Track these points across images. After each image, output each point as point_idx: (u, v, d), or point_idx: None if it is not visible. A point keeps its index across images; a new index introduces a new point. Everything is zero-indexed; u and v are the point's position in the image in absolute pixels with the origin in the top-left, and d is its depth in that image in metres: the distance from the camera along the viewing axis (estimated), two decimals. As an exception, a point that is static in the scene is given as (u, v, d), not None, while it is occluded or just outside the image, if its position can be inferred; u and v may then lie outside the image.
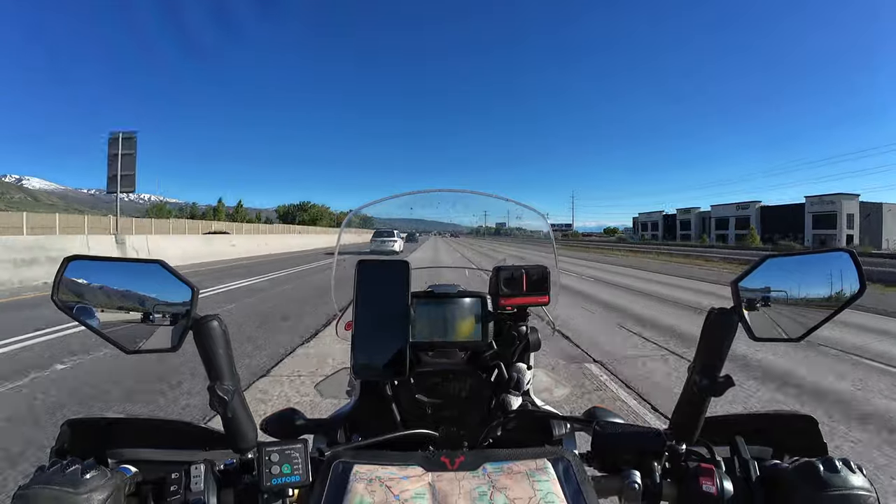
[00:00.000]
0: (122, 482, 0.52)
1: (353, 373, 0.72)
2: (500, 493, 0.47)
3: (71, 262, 0.58)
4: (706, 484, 0.56)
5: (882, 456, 2.85)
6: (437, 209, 1.12)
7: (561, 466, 0.51)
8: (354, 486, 0.47)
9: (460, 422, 0.81)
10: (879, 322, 7.24)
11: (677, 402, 0.65)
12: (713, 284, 12.31)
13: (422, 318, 0.81)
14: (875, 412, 3.56)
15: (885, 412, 3.56)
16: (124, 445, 0.66)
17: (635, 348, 5.47)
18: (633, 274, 15.92)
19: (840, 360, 5.03)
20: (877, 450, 2.94)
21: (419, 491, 0.47)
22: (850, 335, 6.02)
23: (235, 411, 0.59)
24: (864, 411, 3.58)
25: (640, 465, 0.62)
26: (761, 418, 0.72)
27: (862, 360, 5.03)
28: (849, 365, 4.86)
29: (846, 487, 0.49)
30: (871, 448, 2.95)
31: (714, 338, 0.61)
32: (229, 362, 0.60)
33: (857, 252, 0.62)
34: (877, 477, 2.51)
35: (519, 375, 0.79)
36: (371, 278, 0.73)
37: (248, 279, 11.99)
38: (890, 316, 7.82)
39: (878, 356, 5.20)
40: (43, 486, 0.46)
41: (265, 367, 4.51)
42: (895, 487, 2.51)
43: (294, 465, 0.55)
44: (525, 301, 0.78)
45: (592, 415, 0.76)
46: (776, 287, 0.62)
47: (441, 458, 0.53)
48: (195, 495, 0.53)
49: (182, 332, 0.59)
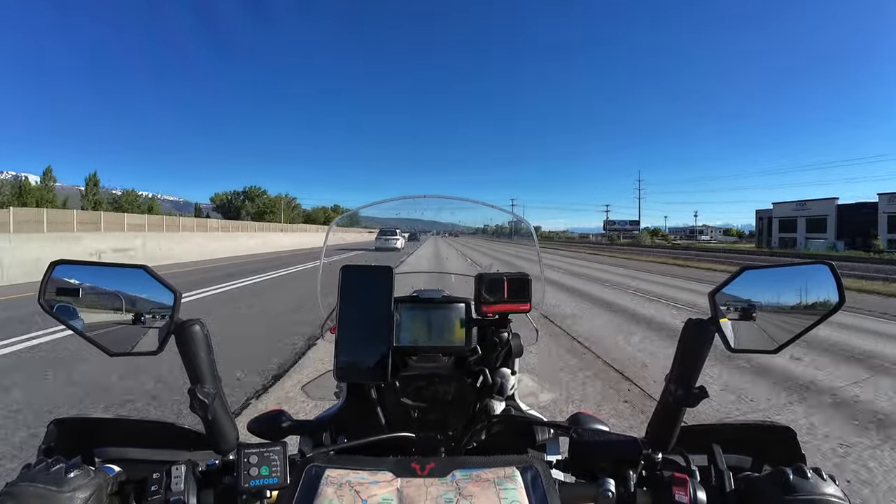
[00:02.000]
0: (105, 481, 0.53)
1: (335, 375, 0.73)
2: (465, 500, 0.48)
3: (57, 266, 0.59)
4: (679, 493, 0.56)
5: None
6: (434, 213, 1.13)
7: (529, 475, 0.52)
8: (325, 490, 0.48)
9: (444, 426, 0.82)
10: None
11: (654, 411, 0.65)
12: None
13: (406, 323, 0.82)
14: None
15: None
16: (110, 445, 0.68)
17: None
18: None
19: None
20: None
21: (387, 496, 0.48)
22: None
23: (216, 413, 0.60)
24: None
25: (616, 473, 0.62)
26: (740, 428, 0.72)
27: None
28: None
29: (815, 493, 0.49)
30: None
31: (691, 348, 0.61)
32: (210, 366, 0.61)
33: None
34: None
35: (503, 380, 0.79)
36: (355, 283, 0.74)
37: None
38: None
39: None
40: (28, 484, 0.47)
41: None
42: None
43: (272, 466, 0.56)
44: (506, 308, 0.79)
45: (576, 420, 0.77)
46: (754, 298, 0.62)
47: (412, 465, 0.54)
48: (175, 495, 0.54)
49: (165, 335, 0.60)
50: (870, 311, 8.22)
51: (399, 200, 1.09)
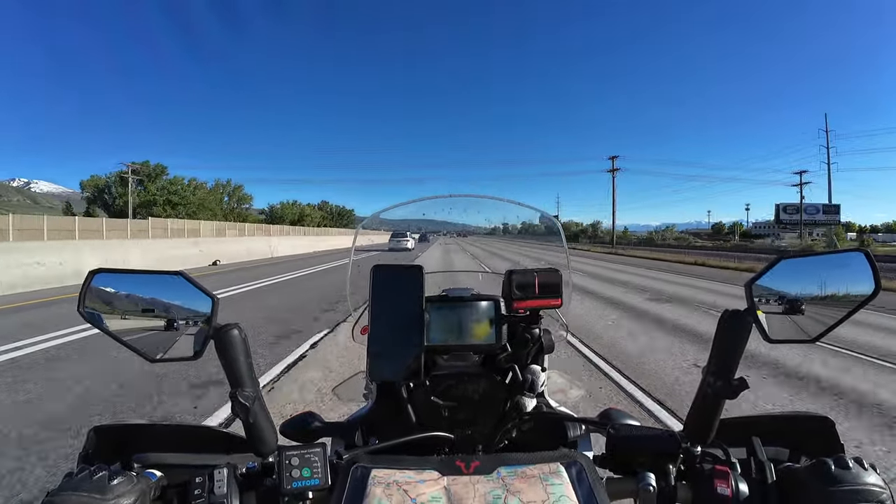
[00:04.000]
0: (148, 487, 0.54)
1: (369, 375, 0.73)
2: (514, 497, 0.48)
3: (96, 275, 0.60)
4: (721, 486, 0.56)
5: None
6: (448, 213, 1.14)
7: (574, 470, 0.52)
8: (373, 490, 0.49)
9: (475, 424, 0.82)
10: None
11: (692, 404, 0.65)
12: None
13: (436, 322, 0.82)
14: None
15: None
16: (149, 450, 0.68)
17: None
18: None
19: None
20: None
21: (435, 495, 0.48)
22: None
23: (256, 416, 0.61)
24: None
25: (655, 468, 0.62)
26: (777, 420, 0.71)
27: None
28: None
29: (857, 483, 0.49)
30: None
31: (728, 340, 0.61)
32: (249, 369, 0.61)
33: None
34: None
35: (533, 377, 0.79)
36: (386, 283, 0.74)
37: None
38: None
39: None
40: (71, 493, 0.48)
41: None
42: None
43: (313, 468, 0.56)
44: (537, 304, 0.79)
45: (607, 416, 0.76)
46: (790, 288, 0.62)
47: (456, 462, 0.54)
48: (218, 498, 0.54)
49: (203, 340, 0.61)
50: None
51: (419, 202, 1.10)
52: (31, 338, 5.47)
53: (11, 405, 3.47)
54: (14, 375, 4.15)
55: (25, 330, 5.88)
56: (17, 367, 4.41)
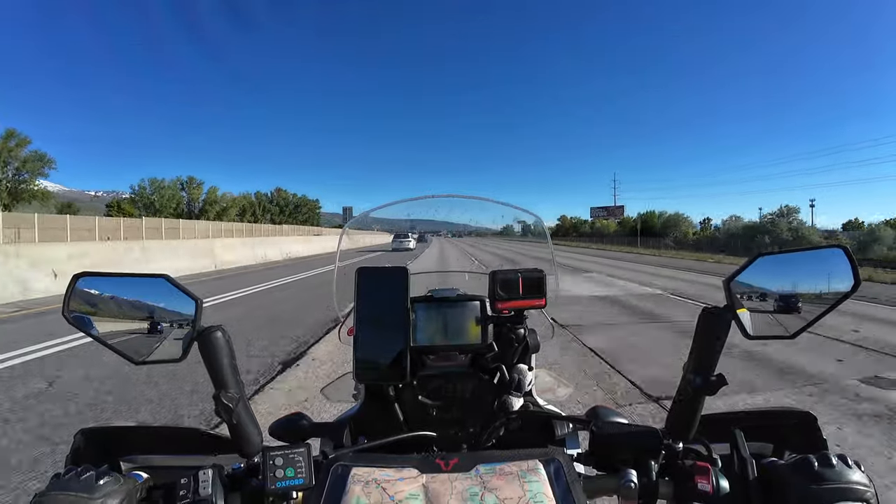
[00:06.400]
0: (134, 487, 0.54)
1: (355, 377, 0.73)
2: (490, 494, 0.48)
3: (80, 279, 0.61)
4: (702, 482, 0.57)
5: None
6: (438, 213, 1.14)
7: (552, 467, 0.52)
8: (352, 488, 0.49)
9: (463, 423, 0.82)
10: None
11: (673, 401, 0.65)
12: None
13: (422, 322, 0.82)
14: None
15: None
16: (136, 452, 0.69)
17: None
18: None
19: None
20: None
21: (413, 492, 0.49)
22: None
23: (240, 417, 0.61)
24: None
25: (637, 464, 0.63)
26: (760, 415, 0.72)
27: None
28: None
29: (841, 481, 0.49)
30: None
31: (708, 337, 0.61)
32: (233, 371, 0.62)
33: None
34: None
35: (520, 377, 0.80)
36: (371, 285, 0.75)
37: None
38: None
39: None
40: (59, 493, 0.48)
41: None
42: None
43: (297, 468, 0.57)
44: (521, 304, 0.79)
45: (594, 414, 0.77)
46: (769, 284, 0.62)
47: (436, 461, 0.54)
48: (203, 499, 0.55)
49: (187, 343, 0.61)
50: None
51: (408, 202, 1.10)
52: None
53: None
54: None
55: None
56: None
